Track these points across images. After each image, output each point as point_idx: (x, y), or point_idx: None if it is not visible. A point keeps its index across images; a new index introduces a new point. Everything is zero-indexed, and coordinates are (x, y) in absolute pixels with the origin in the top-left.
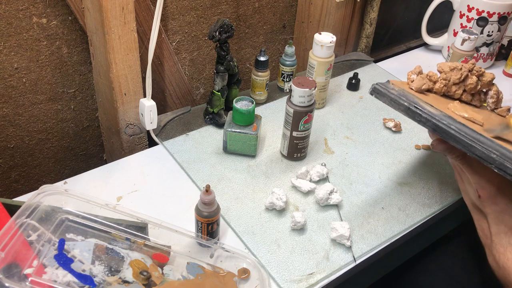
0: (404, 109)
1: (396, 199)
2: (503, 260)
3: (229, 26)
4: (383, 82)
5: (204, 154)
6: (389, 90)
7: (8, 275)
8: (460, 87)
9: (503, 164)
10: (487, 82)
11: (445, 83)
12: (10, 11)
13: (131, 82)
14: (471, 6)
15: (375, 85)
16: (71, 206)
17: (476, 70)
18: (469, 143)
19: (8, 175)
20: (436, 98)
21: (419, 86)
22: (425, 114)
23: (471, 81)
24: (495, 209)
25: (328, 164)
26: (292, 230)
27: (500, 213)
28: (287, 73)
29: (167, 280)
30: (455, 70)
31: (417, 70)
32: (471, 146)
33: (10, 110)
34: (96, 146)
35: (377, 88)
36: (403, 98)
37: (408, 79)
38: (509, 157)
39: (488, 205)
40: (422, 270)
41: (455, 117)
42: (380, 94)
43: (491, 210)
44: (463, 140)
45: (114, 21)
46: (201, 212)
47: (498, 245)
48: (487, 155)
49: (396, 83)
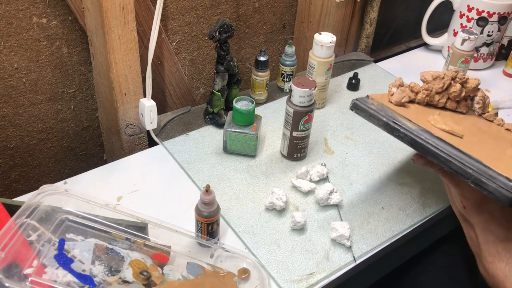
0: (383, 124)
1: (396, 199)
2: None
3: (229, 26)
4: (362, 97)
5: (204, 154)
6: (368, 106)
7: (8, 275)
8: (443, 95)
9: (479, 179)
10: (472, 88)
11: (427, 93)
12: (10, 11)
13: (131, 82)
14: (471, 6)
15: (355, 100)
16: (71, 206)
17: (459, 78)
18: (446, 158)
19: (8, 175)
20: (418, 109)
21: (399, 100)
22: (403, 129)
23: (454, 89)
24: (480, 219)
25: (328, 164)
26: (292, 230)
27: (485, 222)
28: (287, 73)
29: (167, 280)
30: (437, 79)
31: (397, 82)
32: (447, 161)
33: (10, 110)
34: (96, 146)
35: (356, 103)
36: (382, 113)
37: (389, 91)
38: (485, 172)
39: (473, 216)
40: (422, 270)
41: (434, 130)
42: (360, 110)
43: (476, 220)
44: (440, 155)
45: (114, 21)
46: (201, 212)
47: (486, 254)
48: (464, 170)
49: (375, 97)
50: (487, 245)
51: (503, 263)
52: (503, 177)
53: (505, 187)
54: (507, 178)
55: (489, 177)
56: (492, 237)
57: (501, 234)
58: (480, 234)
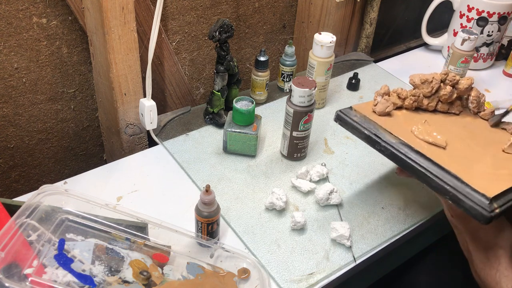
0: (364, 137)
1: (396, 199)
2: (483, 275)
3: (229, 26)
4: (345, 109)
5: (204, 154)
6: (351, 117)
7: (8, 275)
8: (433, 99)
9: (456, 196)
10: (464, 89)
11: (414, 99)
12: (10, 11)
13: (131, 82)
14: (471, 6)
15: (338, 112)
16: (71, 206)
17: (450, 80)
18: (424, 174)
19: (8, 175)
20: (405, 116)
21: (382, 110)
22: (383, 142)
23: (444, 92)
24: (469, 227)
25: (328, 164)
26: (292, 230)
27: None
28: (287, 73)
29: (167, 280)
30: (425, 83)
31: (382, 91)
32: (425, 176)
33: (10, 110)
34: (96, 146)
35: (339, 115)
36: (363, 126)
37: (374, 99)
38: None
39: (462, 224)
40: (422, 270)
41: (416, 142)
42: (343, 121)
43: (465, 228)
44: (419, 170)
45: (114, 21)
46: (201, 212)
47: (477, 261)
48: (442, 186)
49: (359, 108)
50: (477, 252)
51: (494, 270)
52: (480, 194)
53: (481, 204)
54: (484, 196)
55: (466, 193)
56: (482, 244)
57: (491, 241)
58: (470, 241)
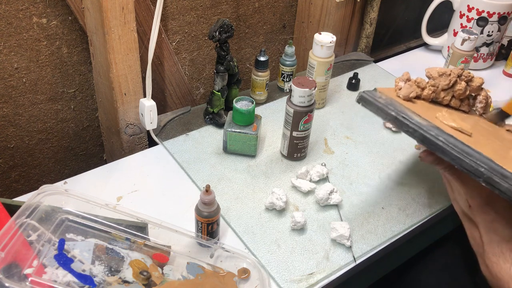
0: (392, 118)
1: (396, 199)
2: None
3: (229, 26)
4: (370, 90)
5: (204, 154)
6: (376, 99)
7: (8, 275)
8: (448, 93)
9: (491, 178)
10: (476, 87)
11: (433, 90)
12: (10, 11)
13: (131, 82)
14: (471, 6)
15: (362, 93)
16: (71, 206)
17: (465, 75)
18: (457, 156)
19: (8, 175)
20: (424, 105)
21: (407, 94)
22: (412, 124)
23: (459, 87)
24: (486, 218)
25: (328, 164)
26: (292, 230)
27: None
28: (287, 73)
29: (167, 280)
30: (443, 75)
31: (405, 77)
32: (458, 158)
33: (10, 110)
34: (96, 146)
35: (364, 96)
36: (391, 107)
37: (396, 86)
38: (497, 170)
39: (478, 215)
40: (422, 270)
41: (443, 127)
42: (367, 103)
43: (481, 219)
44: (450, 152)
45: (114, 21)
46: (201, 212)
47: (490, 254)
48: (475, 168)
49: (383, 90)
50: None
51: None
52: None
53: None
54: None
55: (501, 176)
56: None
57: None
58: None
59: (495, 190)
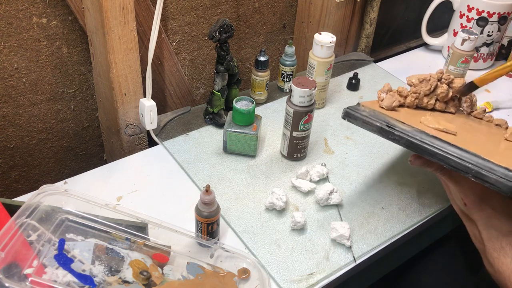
0: (377, 129)
1: (396, 199)
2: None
3: (229, 26)
4: (353, 105)
5: (204, 154)
6: (361, 113)
7: (8, 275)
8: (431, 97)
9: (479, 172)
10: (459, 87)
11: (416, 96)
12: (10, 11)
13: (131, 82)
14: (471, 6)
15: (346, 109)
16: (71, 206)
17: (445, 78)
18: (444, 155)
19: (8, 175)
20: (409, 113)
21: (390, 104)
22: (397, 132)
23: (441, 90)
24: (482, 215)
25: (328, 164)
26: (292, 230)
27: (487, 218)
28: (287, 73)
29: (167, 280)
30: (424, 81)
31: (385, 88)
32: (446, 158)
33: (10, 110)
34: (96, 146)
35: (348, 112)
36: (374, 119)
37: (379, 98)
38: (484, 164)
39: (475, 212)
40: (422, 270)
41: (428, 130)
42: (352, 117)
43: (478, 216)
44: (437, 153)
45: (114, 21)
46: (201, 212)
47: (491, 250)
48: (463, 165)
49: (366, 104)
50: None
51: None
52: (503, 167)
53: (505, 177)
54: (507, 169)
55: (489, 169)
56: (495, 232)
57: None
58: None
59: (485, 183)
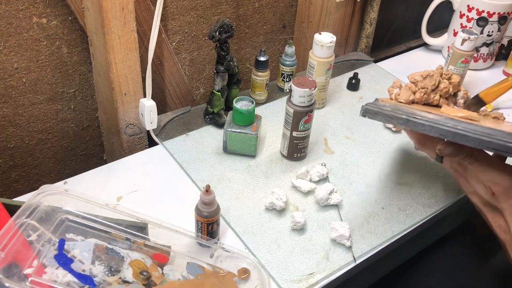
0: (404, 122)
1: (396, 199)
2: None
3: (229, 26)
4: (372, 102)
5: (204, 154)
6: (382, 108)
7: (8, 275)
8: (436, 93)
9: None
10: (457, 83)
11: (424, 91)
12: (10, 11)
13: (131, 82)
14: (471, 6)
15: (366, 106)
16: (71, 206)
17: (445, 74)
18: (482, 139)
19: (8, 175)
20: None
21: (407, 97)
22: (428, 122)
23: (444, 85)
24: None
25: (328, 164)
26: (292, 230)
27: None
28: (287, 73)
29: (167, 280)
30: (428, 77)
31: (397, 84)
32: (483, 141)
33: (10, 110)
34: (96, 146)
35: (369, 108)
36: (399, 112)
37: (391, 94)
38: None
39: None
40: (422, 270)
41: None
42: (374, 114)
43: (507, 204)
44: (474, 137)
45: (114, 21)
46: (201, 212)
47: None
48: (503, 145)
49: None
50: None
51: None
52: None
53: None
54: None
55: None
56: None
57: None
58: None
59: None
